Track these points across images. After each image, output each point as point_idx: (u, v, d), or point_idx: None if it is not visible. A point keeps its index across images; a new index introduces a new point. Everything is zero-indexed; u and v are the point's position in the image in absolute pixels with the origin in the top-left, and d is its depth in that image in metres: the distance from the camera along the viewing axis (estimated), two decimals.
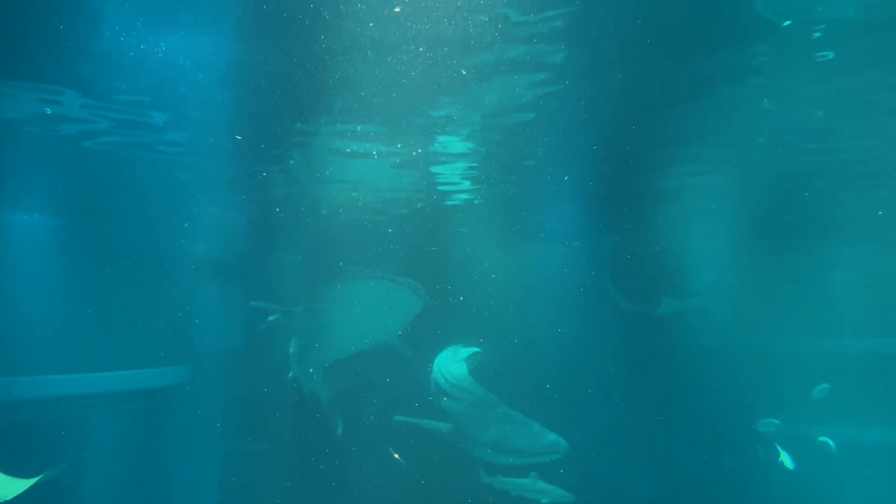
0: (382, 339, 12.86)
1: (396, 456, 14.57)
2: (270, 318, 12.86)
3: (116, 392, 14.45)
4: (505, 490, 13.02)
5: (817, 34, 7.60)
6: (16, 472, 9.86)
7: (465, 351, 15.10)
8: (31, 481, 9.50)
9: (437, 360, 14.79)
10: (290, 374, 14.20)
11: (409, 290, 10.72)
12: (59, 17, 7.33)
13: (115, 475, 14.29)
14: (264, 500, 15.41)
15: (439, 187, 14.46)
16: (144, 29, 7.61)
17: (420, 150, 11.87)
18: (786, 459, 13.72)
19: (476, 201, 15.40)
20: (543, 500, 12.60)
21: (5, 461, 10.10)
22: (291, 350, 13.89)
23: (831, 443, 14.48)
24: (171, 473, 15.53)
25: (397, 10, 7.05)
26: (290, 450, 15.81)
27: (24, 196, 14.47)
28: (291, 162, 12.78)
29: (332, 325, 11.93)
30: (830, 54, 8.11)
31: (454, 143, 11.50)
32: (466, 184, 14.07)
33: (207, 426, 16.17)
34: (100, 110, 10.05)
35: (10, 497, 9.14)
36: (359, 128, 10.71)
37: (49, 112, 10.24)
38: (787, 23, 7.38)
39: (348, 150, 11.82)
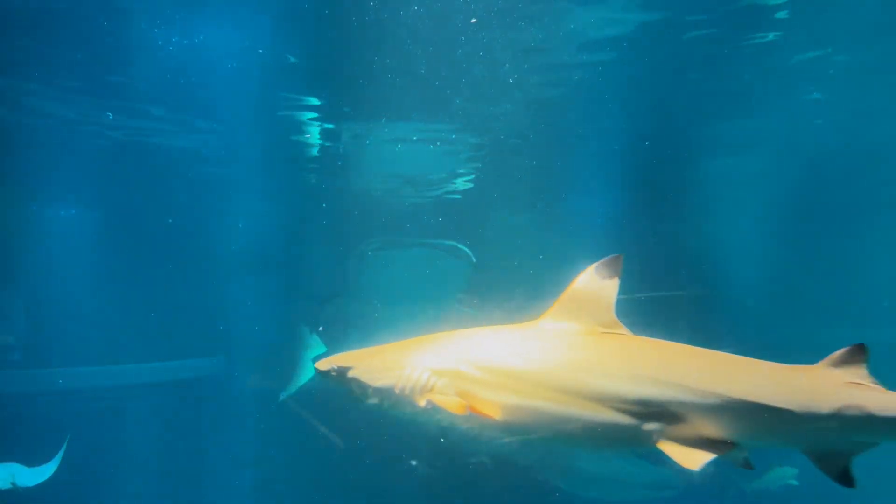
0: (437, 308, 11.72)
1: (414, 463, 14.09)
2: (326, 307, 12.22)
3: (153, 383, 14.64)
4: (767, 488, 11.92)
5: None
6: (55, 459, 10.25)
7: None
8: (50, 469, 9.98)
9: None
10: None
11: (448, 253, 9.91)
12: (103, 15, 7.40)
13: (152, 462, 14.51)
14: (296, 488, 15.48)
15: (472, 175, 14.40)
16: (184, 26, 7.66)
17: (454, 136, 11.71)
18: None
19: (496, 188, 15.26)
20: (794, 483, 11.82)
21: (44, 449, 10.41)
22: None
23: None
24: (205, 461, 15.68)
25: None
26: (322, 440, 15.83)
27: (66, 192, 14.71)
28: (318, 155, 12.83)
29: (374, 301, 11.13)
30: None
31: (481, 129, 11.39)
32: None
33: (241, 416, 16.28)
34: (139, 108, 10.22)
35: (31, 484, 9.58)
36: (385, 118, 10.67)
37: (111, 117, 10.46)
38: None
39: (386, 140, 11.70)
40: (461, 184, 15.23)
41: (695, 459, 2.56)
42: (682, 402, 2.58)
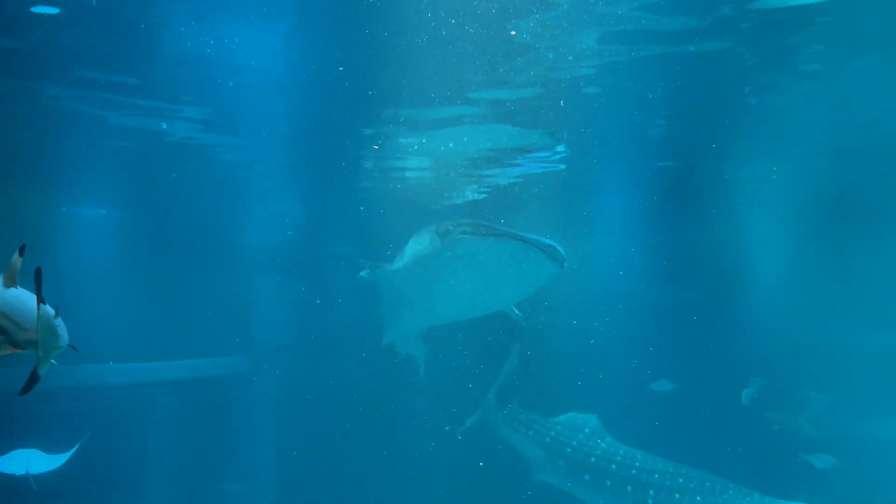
0: (498, 307, 10.70)
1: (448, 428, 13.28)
2: (362, 273, 10.87)
3: (178, 380, 14.82)
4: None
5: None
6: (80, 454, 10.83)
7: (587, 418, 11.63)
8: (64, 458, 10.57)
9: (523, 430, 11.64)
10: (385, 341, 12.61)
11: (543, 252, 8.39)
12: (139, 19, 7.51)
13: (176, 458, 14.70)
14: (319, 486, 15.56)
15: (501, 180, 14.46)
16: (213, 27, 7.74)
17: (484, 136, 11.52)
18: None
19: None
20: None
21: (69, 444, 10.80)
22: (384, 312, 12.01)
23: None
24: (230, 457, 15.85)
25: None
26: (343, 438, 15.92)
27: (96, 193, 14.91)
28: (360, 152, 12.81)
29: (436, 287, 9.74)
30: None
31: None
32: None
33: (264, 413, 16.45)
34: (170, 111, 10.36)
35: (43, 470, 10.24)
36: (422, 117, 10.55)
37: (165, 127, 10.57)
38: None
39: (419, 141, 11.66)
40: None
41: None
42: None
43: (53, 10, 7.21)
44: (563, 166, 13.42)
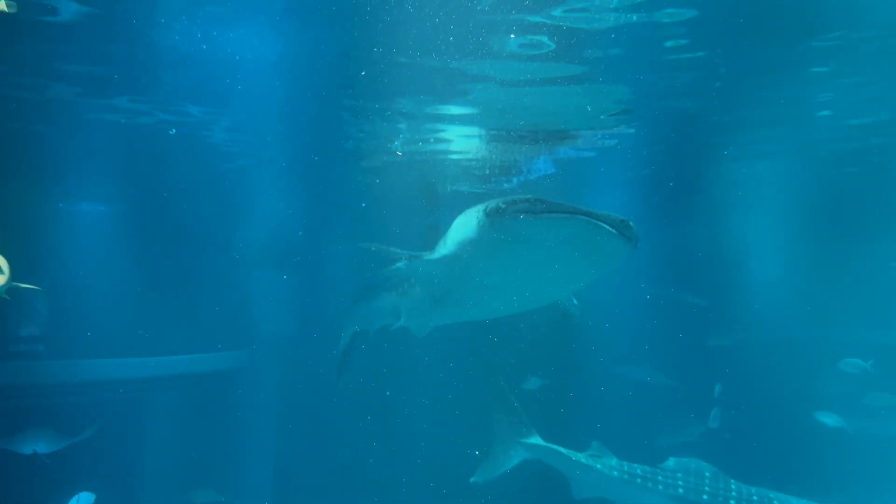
0: (555, 298, 9.45)
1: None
2: (398, 264, 9.70)
3: (175, 375, 14.79)
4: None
5: None
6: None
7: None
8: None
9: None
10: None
11: (615, 229, 7.09)
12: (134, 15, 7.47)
13: (173, 455, 14.66)
14: (317, 483, 15.54)
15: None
16: (209, 24, 7.70)
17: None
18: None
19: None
20: None
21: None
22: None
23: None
24: (227, 454, 15.83)
25: None
26: (343, 433, 15.89)
27: (94, 189, 14.90)
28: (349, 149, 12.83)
29: (486, 277, 8.42)
30: None
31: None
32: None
33: (263, 409, 16.43)
34: (168, 107, 10.38)
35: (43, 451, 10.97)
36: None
37: (174, 132, 10.62)
38: None
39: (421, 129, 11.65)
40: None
41: None
42: None
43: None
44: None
